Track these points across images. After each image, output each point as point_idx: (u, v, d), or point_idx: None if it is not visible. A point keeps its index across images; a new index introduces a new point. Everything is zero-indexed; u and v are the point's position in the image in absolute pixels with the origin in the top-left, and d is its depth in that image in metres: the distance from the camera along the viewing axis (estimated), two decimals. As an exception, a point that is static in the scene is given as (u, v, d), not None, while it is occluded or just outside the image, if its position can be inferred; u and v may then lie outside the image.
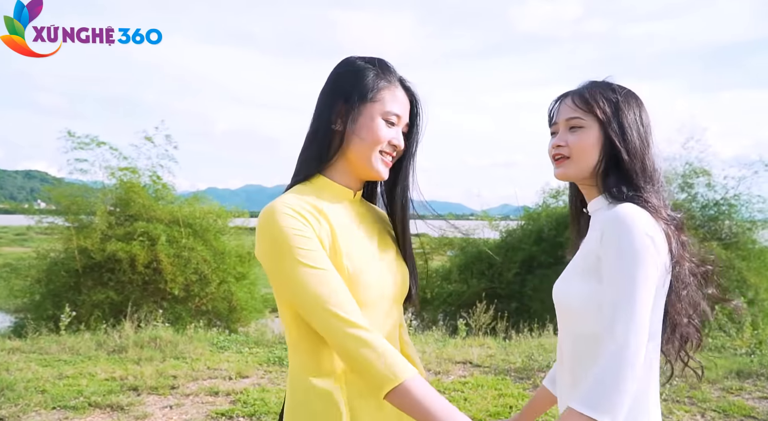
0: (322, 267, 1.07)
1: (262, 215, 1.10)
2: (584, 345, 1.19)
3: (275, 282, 1.09)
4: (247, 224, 11.51)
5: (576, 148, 1.25)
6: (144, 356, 5.27)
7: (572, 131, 1.27)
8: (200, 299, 9.57)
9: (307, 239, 1.07)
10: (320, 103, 1.20)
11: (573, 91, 1.32)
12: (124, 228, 9.19)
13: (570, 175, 1.28)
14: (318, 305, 1.04)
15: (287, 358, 5.38)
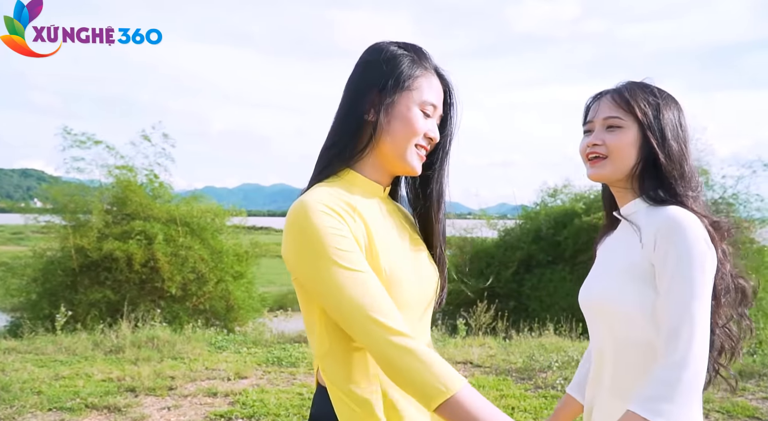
0: (360, 269, 0.98)
1: (293, 212, 1.00)
2: (633, 351, 1.17)
3: (307, 285, 1.01)
4: (244, 222, 11.49)
5: (614, 147, 1.22)
6: (141, 357, 5.22)
7: (610, 131, 1.24)
8: (198, 298, 9.53)
9: (344, 239, 0.98)
10: (350, 92, 1.11)
11: (612, 89, 1.28)
12: (121, 227, 9.15)
13: (605, 175, 1.25)
14: (357, 311, 0.95)
15: (286, 358, 5.36)
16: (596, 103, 1.29)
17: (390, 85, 1.06)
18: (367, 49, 1.12)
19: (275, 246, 15.15)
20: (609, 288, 1.21)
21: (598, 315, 1.24)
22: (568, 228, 11.94)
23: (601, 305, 1.22)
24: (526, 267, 12.43)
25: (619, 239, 1.28)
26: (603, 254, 1.34)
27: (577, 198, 12.80)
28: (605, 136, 1.24)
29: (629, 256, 1.19)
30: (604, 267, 1.28)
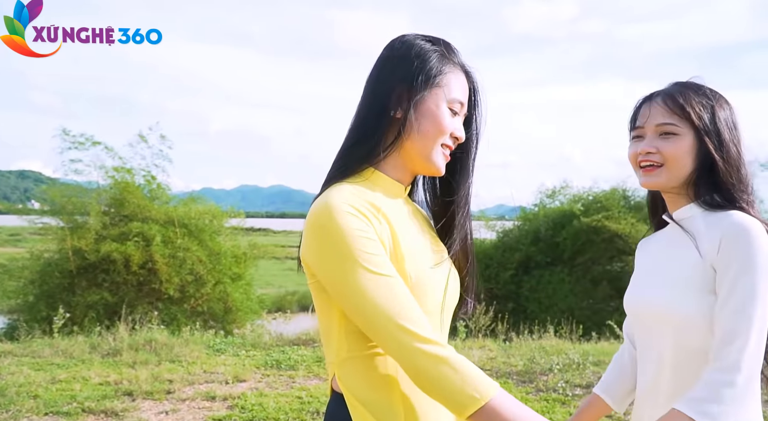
0: (387, 274, 0.93)
1: (316, 212, 0.95)
2: (695, 359, 1.15)
3: (330, 289, 0.95)
4: (242, 224, 11.47)
5: (670, 156, 1.19)
6: (139, 360, 5.17)
7: (664, 138, 1.21)
8: (196, 300, 9.50)
9: (370, 241, 0.93)
10: (375, 87, 1.04)
11: (662, 92, 1.24)
12: (118, 228, 9.13)
13: (661, 184, 1.22)
14: (385, 317, 0.90)
15: (285, 361, 5.31)
16: (646, 107, 1.25)
17: (420, 80, 1.01)
18: (392, 43, 1.06)
19: (273, 248, 15.16)
20: (670, 295, 1.18)
21: (658, 323, 1.21)
22: (567, 229, 11.93)
23: (663, 312, 1.19)
24: (525, 269, 12.41)
25: (669, 244, 1.26)
26: (650, 259, 1.31)
27: (576, 199, 12.79)
28: (659, 143, 1.21)
29: (687, 261, 1.17)
30: (658, 273, 1.24)
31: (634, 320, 1.30)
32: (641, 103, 1.27)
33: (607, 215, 11.45)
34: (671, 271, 1.20)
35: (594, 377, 4.81)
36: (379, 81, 1.04)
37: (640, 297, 1.26)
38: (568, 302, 11.29)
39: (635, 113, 1.28)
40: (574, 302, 11.36)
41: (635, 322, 1.30)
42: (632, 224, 10.82)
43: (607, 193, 12.25)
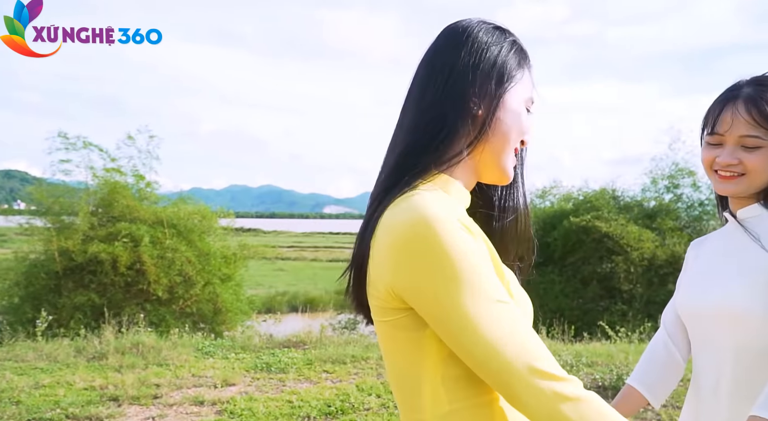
0: (507, 300, 0.76)
1: (411, 227, 0.75)
2: (759, 358, 1.14)
3: (434, 323, 0.75)
4: (232, 224, 11.39)
5: (753, 168, 1.18)
6: (125, 363, 5.07)
7: (747, 150, 1.18)
8: (185, 301, 9.41)
9: (484, 261, 0.76)
10: (449, 77, 0.85)
11: (744, 96, 1.20)
12: (106, 229, 9.05)
13: (739, 192, 1.21)
14: (518, 358, 0.72)
15: (275, 364, 5.23)
16: (728, 114, 1.20)
17: (506, 74, 0.87)
18: (461, 30, 0.88)
19: (263, 248, 15.07)
20: (738, 293, 1.16)
21: (720, 322, 1.19)
22: (558, 229, 11.93)
23: (728, 310, 1.17)
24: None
25: (729, 243, 1.25)
26: (708, 259, 1.30)
27: (566, 198, 12.81)
28: (742, 155, 1.19)
29: (752, 260, 1.16)
30: (720, 273, 1.23)
31: (693, 321, 1.27)
32: (722, 108, 1.22)
33: (596, 214, 11.47)
34: (735, 270, 1.19)
35: (588, 379, 4.78)
36: (455, 70, 0.86)
37: (701, 297, 1.24)
38: (558, 302, 11.29)
39: (715, 117, 1.23)
40: (564, 302, 11.36)
41: (693, 323, 1.27)
42: (622, 224, 10.84)
43: (597, 193, 12.28)
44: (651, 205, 11.48)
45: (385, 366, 0.88)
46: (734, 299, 1.16)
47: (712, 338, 1.21)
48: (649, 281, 10.43)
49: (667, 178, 11.18)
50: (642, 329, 7.59)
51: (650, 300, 10.23)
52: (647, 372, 1.37)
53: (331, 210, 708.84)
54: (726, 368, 1.18)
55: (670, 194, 11.29)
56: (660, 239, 10.63)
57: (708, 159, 1.23)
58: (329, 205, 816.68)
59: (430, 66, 0.88)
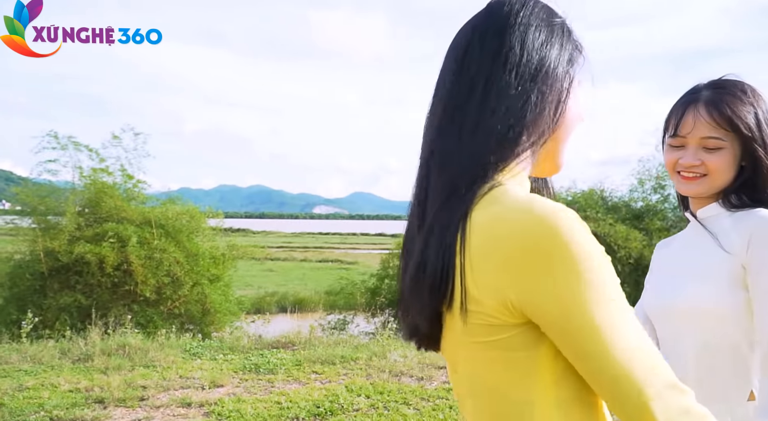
0: (630, 308, 0.69)
1: (534, 228, 0.66)
2: (720, 355, 1.17)
3: (561, 339, 0.67)
4: (221, 224, 11.32)
5: (714, 168, 1.20)
6: (111, 365, 5.00)
7: (709, 151, 1.20)
8: (173, 302, 9.34)
9: (609, 262, 0.70)
10: (541, 62, 0.76)
11: (705, 99, 1.21)
12: (93, 229, 8.96)
13: (702, 192, 1.23)
14: (649, 369, 0.65)
15: (264, 365, 5.19)
16: (690, 116, 1.22)
17: (572, 59, 0.80)
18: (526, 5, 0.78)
19: (252, 248, 14.99)
20: (702, 291, 1.18)
21: (687, 320, 1.20)
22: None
23: (693, 308, 1.19)
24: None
25: (690, 243, 1.27)
26: (671, 260, 1.32)
27: (555, 199, 12.88)
28: (704, 156, 1.21)
29: (713, 259, 1.18)
30: (684, 273, 1.24)
31: (661, 321, 1.28)
32: (684, 111, 1.23)
33: (584, 215, 11.53)
34: (698, 268, 1.21)
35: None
36: (548, 56, 0.77)
37: (669, 296, 1.25)
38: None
39: (677, 120, 1.25)
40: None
41: (662, 323, 1.28)
42: (610, 224, 10.90)
43: (586, 193, 12.35)
44: (638, 205, 11.56)
45: (461, 395, 0.77)
46: (699, 299, 1.17)
47: (681, 337, 1.23)
48: (636, 281, 10.50)
49: (654, 179, 11.27)
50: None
51: (638, 300, 10.32)
52: None
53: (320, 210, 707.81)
54: (689, 367, 1.19)
55: (657, 195, 11.39)
56: (647, 239, 10.71)
57: (671, 161, 1.26)
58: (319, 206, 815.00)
59: (489, 53, 0.76)
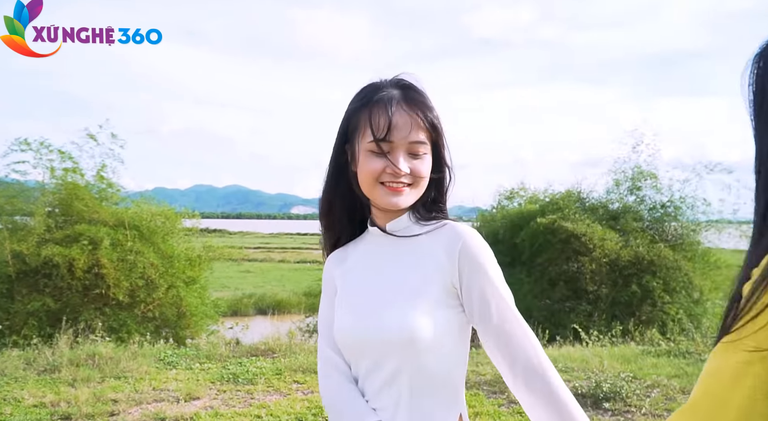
0: None
1: None
2: (433, 379, 1.10)
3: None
4: (197, 225, 11.07)
5: (422, 175, 1.12)
6: (80, 377, 4.72)
7: (417, 157, 1.11)
8: (147, 305, 9.08)
9: None
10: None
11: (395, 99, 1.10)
12: (63, 231, 8.66)
13: (407, 203, 1.12)
14: None
15: (243, 374, 4.97)
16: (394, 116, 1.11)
17: None
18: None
19: (230, 250, 14.70)
20: (412, 316, 1.07)
21: (394, 348, 1.08)
22: (525, 230, 11.97)
23: (404, 336, 1.09)
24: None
25: (381, 259, 1.19)
26: (364, 277, 1.18)
27: (532, 200, 12.87)
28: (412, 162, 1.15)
29: (416, 277, 1.10)
30: (385, 296, 1.15)
31: (358, 350, 1.10)
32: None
33: (562, 215, 11.54)
34: (400, 293, 1.08)
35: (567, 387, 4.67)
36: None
37: (368, 323, 1.08)
38: (527, 303, 11.29)
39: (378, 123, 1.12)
40: (532, 302, 11.39)
41: (359, 352, 1.10)
42: (588, 224, 10.92)
43: (563, 195, 12.39)
44: (615, 206, 11.64)
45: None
46: (411, 322, 1.04)
47: (383, 366, 1.08)
48: (613, 281, 10.55)
49: (630, 180, 11.38)
50: (614, 332, 7.60)
51: (615, 300, 10.35)
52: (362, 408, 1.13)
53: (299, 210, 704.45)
54: (402, 399, 1.06)
55: (633, 196, 11.50)
56: (624, 239, 10.78)
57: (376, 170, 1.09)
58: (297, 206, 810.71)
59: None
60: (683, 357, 5.97)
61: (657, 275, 10.22)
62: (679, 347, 6.29)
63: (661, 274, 10.24)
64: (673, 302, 10.16)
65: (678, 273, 10.23)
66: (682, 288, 10.26)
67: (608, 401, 4.37)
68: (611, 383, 4.55)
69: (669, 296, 10.17)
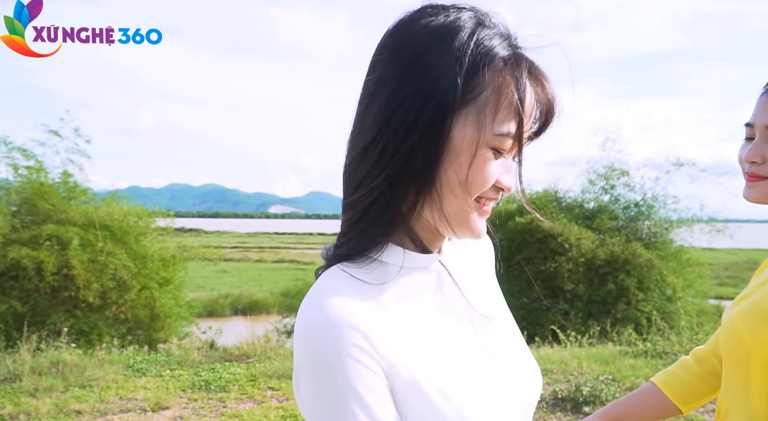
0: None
1: None
2: None
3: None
4: (172, 224, 10.84)
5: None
6: (42, 386, 4.49)
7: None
8: (118, 307, 8.85)
9: None
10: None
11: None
12: (30, 231, 8.38)
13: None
14: None
15: (215, 381, 4.81)
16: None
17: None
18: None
19: (205, 249, 14.45)
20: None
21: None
22: (503, 230, 12.02)
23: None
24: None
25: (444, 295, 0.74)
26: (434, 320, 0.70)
27: (510, 200, 12.93)
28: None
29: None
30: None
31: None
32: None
33: (541, 215, 11.61)
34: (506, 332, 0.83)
35: (546, 390, 4.62)
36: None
37: (512, 385, 0.74)
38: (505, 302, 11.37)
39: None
40: (510, 301, 11.41)
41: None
42: (564, 224, 10.99)
43: (540, 194, 12.46)
44: (591, 206, 11.76)
45: None
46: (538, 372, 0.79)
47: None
48: (590, 280, 10.63)
49: (603, 179, 11.52)
50: (591, 333, 7.61)
51: (591, 299, 10.42)
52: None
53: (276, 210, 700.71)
54: None
55: (608, 196, 11.64)
56: (600, 238, 10.88)
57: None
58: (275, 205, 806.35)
59: None
60: (660, 358, 5.98)
61: (631, 274, 10.32)
62: (655, 348, 6.30)
63: (635, 272, 10.34)
64: (647, 299, 10.27)
65: (652, 271, 10.36)
66: (655, 286, 10.39)
67: (588, 405, 4.33)
68: (591, 386, 4.51)
69: (643, 293, 10.28)
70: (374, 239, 0.66)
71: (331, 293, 0.62)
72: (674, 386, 1.14)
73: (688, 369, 1.16)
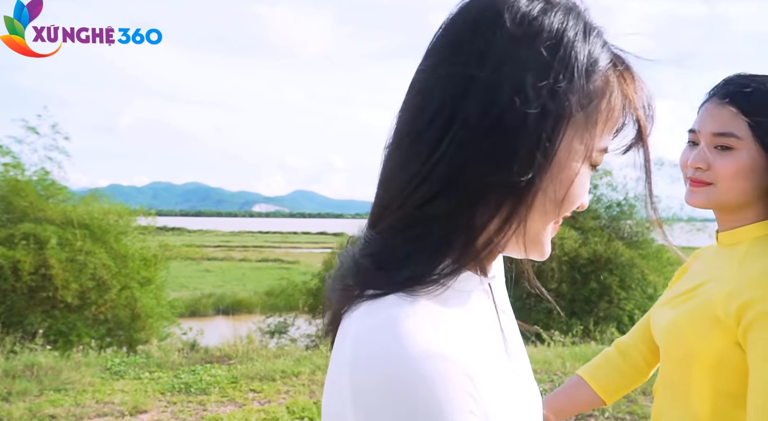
0: None
1: None
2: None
3: None
4: (153, 223, 10.73)
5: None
6: (15, 390, 4.36)
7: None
8: (98, 307, 8.74)
9: None
10: None
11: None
12: (6, 230, 8.30)
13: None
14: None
15: (195, 384, 4.72)
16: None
17: None
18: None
19: (188, 248, 14.30)
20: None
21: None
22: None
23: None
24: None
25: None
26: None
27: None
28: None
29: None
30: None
31: None
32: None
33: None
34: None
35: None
36: None
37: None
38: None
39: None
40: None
41: None
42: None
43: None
44: (574, 205, 11.91)
45: None
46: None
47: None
48: (573, 278, 10.70)
49: (584, 177, 11.67)
50: (575, 332, 7.64)
51: (574, 298, 10.49)
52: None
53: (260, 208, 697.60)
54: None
55: (591, 195, 11.78)
56: (582, 237, 10.97)
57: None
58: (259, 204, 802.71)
59: None
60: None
61: (614, 273, 10.42)
62: (638, 347, 6.34)
63: (617, 271, 10.44)
64: (628, 298, 10.38)
65: (633, 270, 10.48)
66: (637, 285, 10.51)
67: (571, 405, 4.32)
68: (574, 386, 4.51)
69: (625, 292, 10.38)
70: (447, 262, 0.53)
71: (422, 327, 0.47)
72: (600, 380, 1.19)
73: (612, 362, 1.21)
